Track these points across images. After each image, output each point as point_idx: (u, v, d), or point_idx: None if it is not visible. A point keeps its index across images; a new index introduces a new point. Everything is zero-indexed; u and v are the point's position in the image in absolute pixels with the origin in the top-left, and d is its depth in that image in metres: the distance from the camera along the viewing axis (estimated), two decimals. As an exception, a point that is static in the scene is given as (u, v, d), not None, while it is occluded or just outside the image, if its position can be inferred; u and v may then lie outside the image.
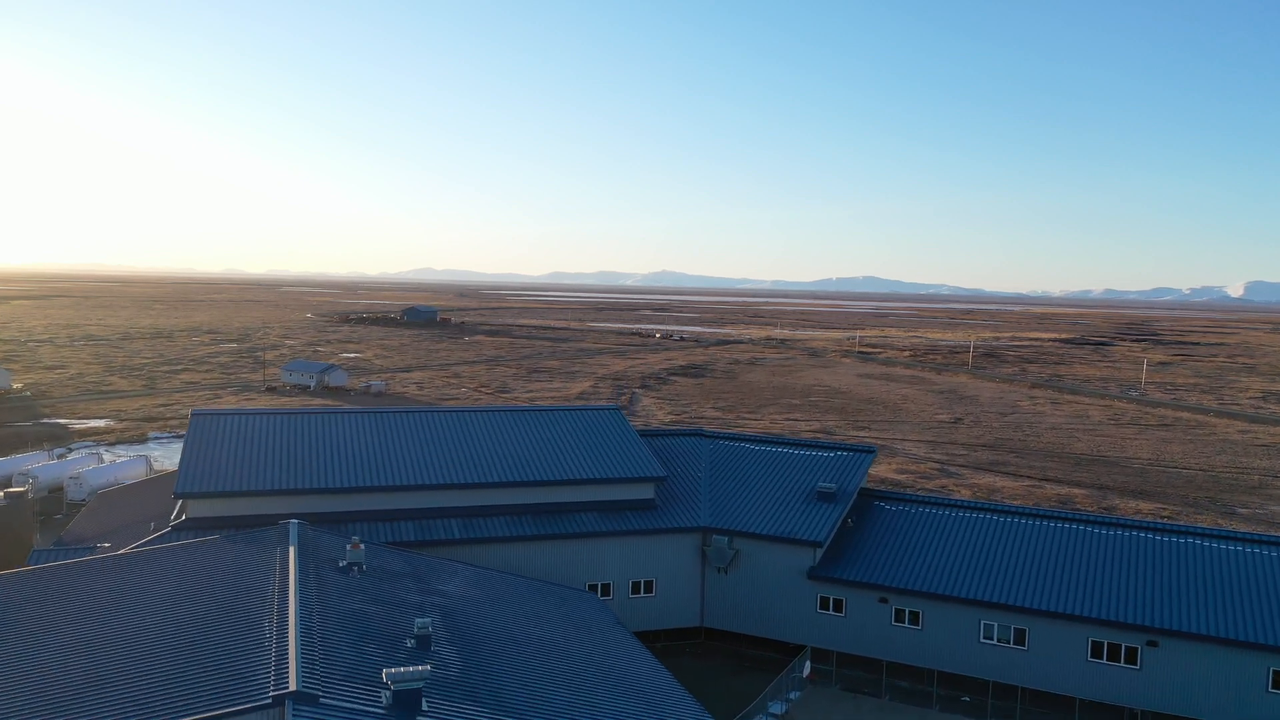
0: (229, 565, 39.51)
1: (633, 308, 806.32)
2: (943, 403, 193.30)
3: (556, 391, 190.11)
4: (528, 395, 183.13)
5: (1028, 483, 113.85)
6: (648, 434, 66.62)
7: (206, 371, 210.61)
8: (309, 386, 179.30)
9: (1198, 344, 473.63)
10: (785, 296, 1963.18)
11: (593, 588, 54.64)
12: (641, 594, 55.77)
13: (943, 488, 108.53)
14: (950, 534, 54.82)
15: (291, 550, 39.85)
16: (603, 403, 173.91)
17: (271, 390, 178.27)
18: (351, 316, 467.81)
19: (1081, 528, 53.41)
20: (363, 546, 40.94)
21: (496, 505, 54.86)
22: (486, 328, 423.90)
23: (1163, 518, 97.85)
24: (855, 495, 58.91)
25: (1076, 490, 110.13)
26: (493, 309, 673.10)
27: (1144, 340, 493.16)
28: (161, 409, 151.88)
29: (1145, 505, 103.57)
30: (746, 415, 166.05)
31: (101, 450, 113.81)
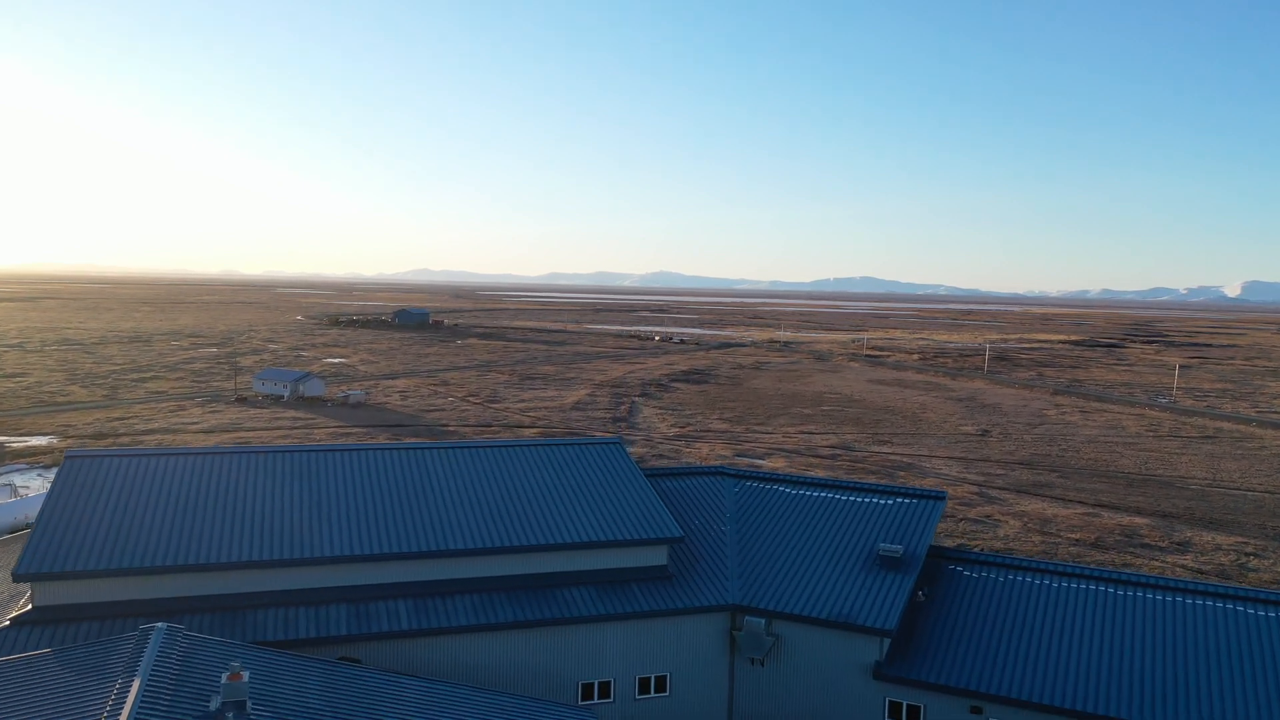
0: (46, 712, 26.29)
1: (630, 309, 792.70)
2: (964, 412, 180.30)
3: (550, 401, 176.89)
4: (520, 405, 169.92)
5: (1081, 509, 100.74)
6: (655, 474, 53.46)
7: (177, 379, 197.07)
8: (283, 396, 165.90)
9: (1210, 345, 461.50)
10: (783, 297, 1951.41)
11: (589, 688, 41.47)
12: (652, 693, 42.56)
13: (988, 516, 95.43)
14: (1062, 614, 41.67)
15: (135, 686, 26.66)
16: (600, 414, 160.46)
17: (242, 401, 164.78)
18: (341, 319, 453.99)
19: (1246, 610, 40.15)
20: (246, 676, 27.71)
21: (461, 580, 41.65)
22: (480, 330, 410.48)
23: (1247, 555, 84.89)
24: (925, 558, 45.83)
25: (1138, 519, 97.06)
26: (488, 310, 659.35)
27: (1154, 342, 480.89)
28: (115, 423, 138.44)
29: (1222, 538, 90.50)
30: (756, 427, 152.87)
31: (29, 475, 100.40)
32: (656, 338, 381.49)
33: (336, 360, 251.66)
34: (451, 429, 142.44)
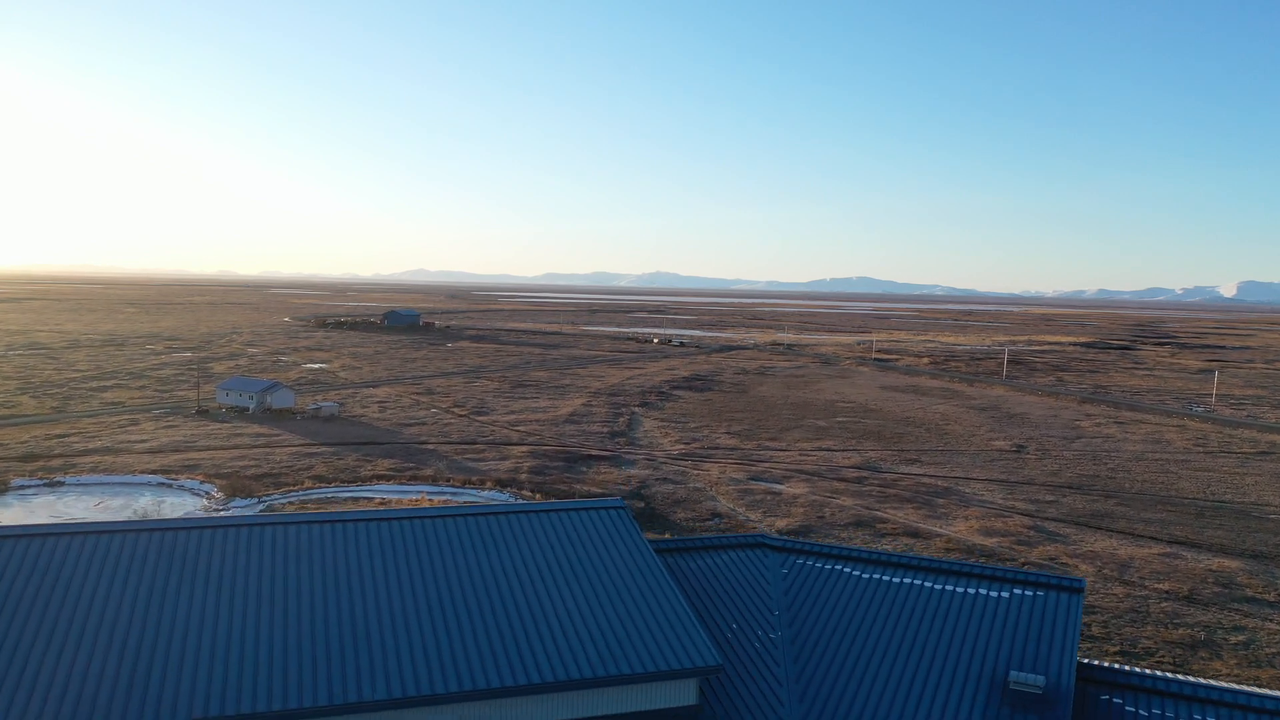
0: None
1: (628, 309, 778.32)
2: (991, 423, 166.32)
3: (542, 412, 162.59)
4: (509, 418, 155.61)
5: (1157, 548, 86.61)
6: (668, 547, 39.33)
7: (139, 388, 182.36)
8: (248, 408, 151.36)
9: (1222, 347, 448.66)
10: (781, 297, 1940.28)
11: None
12: None
13: (1053, 559, 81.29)
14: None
15: None
16: (597, 428, 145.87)
17: (204, 413, 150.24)
18: (329, 320, 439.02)
19: None
20: None
21: (388, 742, 27.47)
22: (473, 332, 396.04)
23: (1372, 611, 70.78)
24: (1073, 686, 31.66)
25: (1228, 561, 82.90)
26: (482, 311, 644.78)
27: (1164, 344, 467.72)
28: (54, 441, 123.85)
29: (1334, 588, 76.45)
30: (769, 443, 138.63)
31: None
32: (655, 340, 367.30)
33: (317, 366, 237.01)
34: (430, 446, 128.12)
